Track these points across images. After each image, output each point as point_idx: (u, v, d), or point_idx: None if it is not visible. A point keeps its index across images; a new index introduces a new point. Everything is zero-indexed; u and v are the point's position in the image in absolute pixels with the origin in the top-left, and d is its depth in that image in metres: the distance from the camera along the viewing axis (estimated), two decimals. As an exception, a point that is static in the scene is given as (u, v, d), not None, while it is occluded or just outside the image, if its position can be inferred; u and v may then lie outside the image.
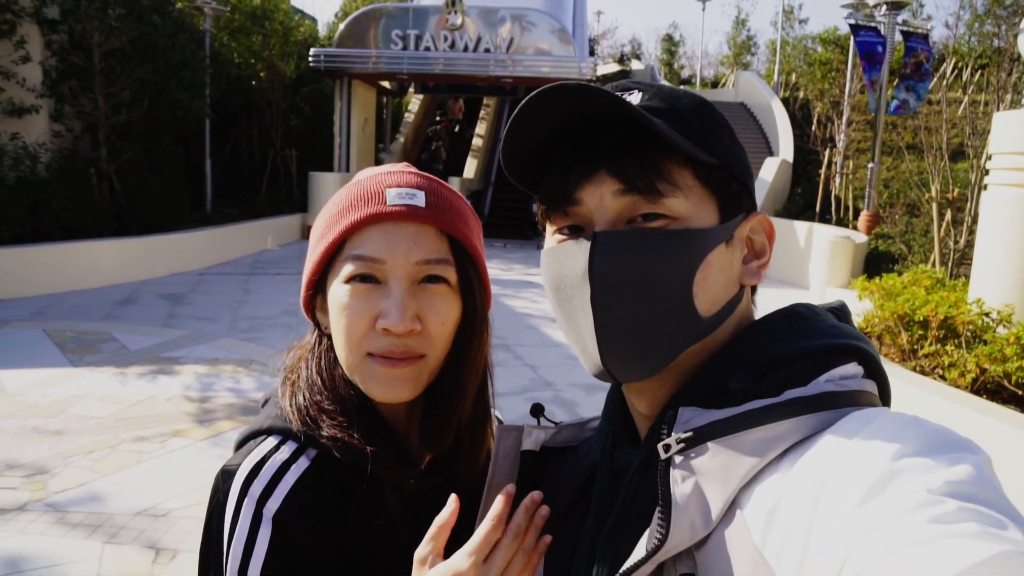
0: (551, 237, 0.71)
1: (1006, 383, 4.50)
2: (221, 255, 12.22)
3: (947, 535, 0.43)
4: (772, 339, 0.65)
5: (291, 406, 0.89)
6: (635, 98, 0.68)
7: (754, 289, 0.74)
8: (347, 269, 0.84)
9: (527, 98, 0.64)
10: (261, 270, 11.70)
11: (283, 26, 16.30)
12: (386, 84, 18.24)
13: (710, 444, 0.59)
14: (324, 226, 0.89)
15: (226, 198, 14.88)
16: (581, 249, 0.64)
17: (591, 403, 5.78)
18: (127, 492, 3.98)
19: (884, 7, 11.34)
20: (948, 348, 5.02)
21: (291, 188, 16.38)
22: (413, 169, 0.92)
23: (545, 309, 9.21)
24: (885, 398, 0.65)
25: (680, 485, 0.59)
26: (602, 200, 0.65)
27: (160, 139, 12.42)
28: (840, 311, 0.71)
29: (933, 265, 9.52)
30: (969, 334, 5.16)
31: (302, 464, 0.85)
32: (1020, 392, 4.47)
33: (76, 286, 9.40)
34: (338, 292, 0.85)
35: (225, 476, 0.86)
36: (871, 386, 0.63)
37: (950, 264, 9.62)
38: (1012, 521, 0.45)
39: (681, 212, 0.64)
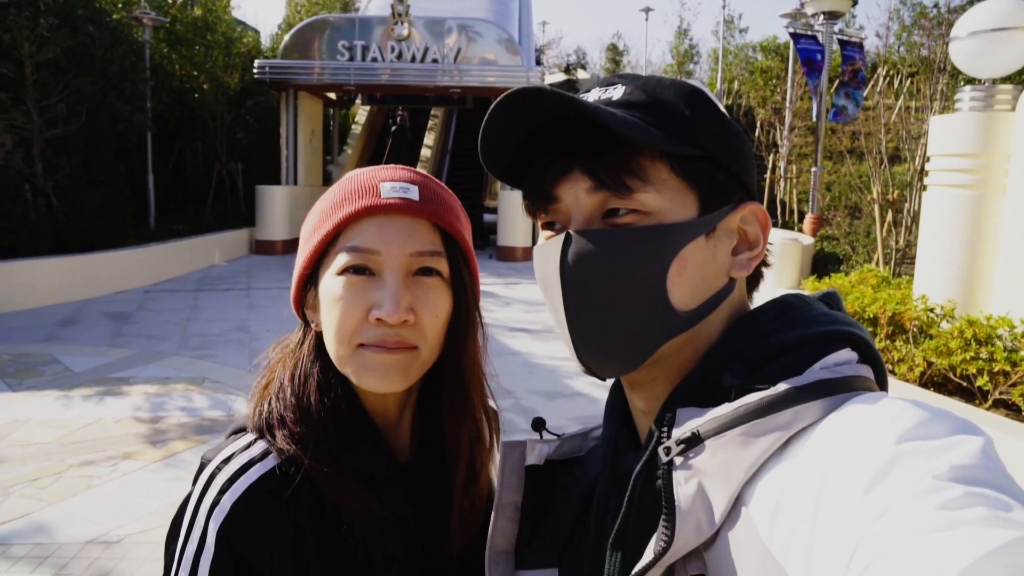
0: (541, 233, 0.72)
1: (951, 375, 4.67)
2: (167, 272, 11.87)
3: (957, 522, 0.43)
4: (763, 331, 0.65)
5: (254, 413, 0.89)
6: (617, 92, 0.67)
7: (756, 283, 0.73)
8: (341, 260, 0.84)
9: (493, 105, 0.65)
10: (210, 286, 11.40)
11: (225, 37, 15.98)
12: (332, 95, 18.04)
13: (709, 443, 0.59)
14: (317, 220, 0.89)
15: (171, 213, 14.48)
16: (555, 248, 0.65)
17: (551, 409, 5.78)
18: (77, 520, 3.81)
19: (821, 16, 11.73)
20: (897, 344, 5.19)
21: (238, 202, 16.04)
22: (405, 167, 0.92)
23: (501, 318, 9.20)
24: (881, 383, 0.65)
25: (683, 486, 0.58)
26: (577, 198, 0.65)
27: (100, 153, 12.02)
28: (831, 298, 0.71)
29: (877, 264, 9.84)
30: (916, 329, 5.34)
31: (268, 463, 0.85)
32: (964, 384, 4.64)
33: (14, 307, 9.00)
34: (331, 284, 0.85)
35: (200, 466, 0.87)
36: (866, 371, 0.63)
37: (893, 263, 9.95)
38: (1019, 502, 0.45)
39: (653, 206, 0.63)
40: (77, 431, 5.08)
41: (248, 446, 0.87)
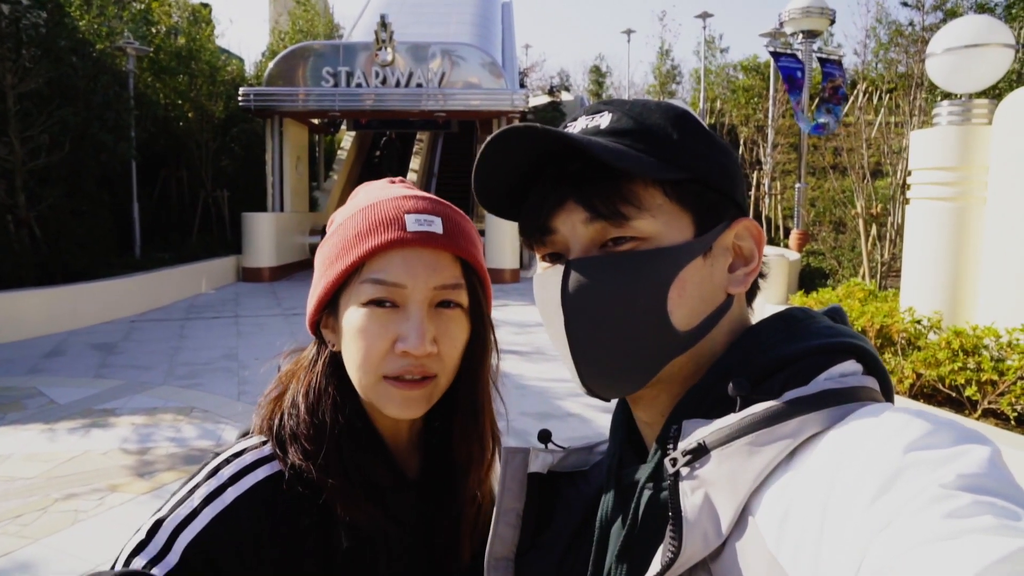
0: (539, 263, 0.73)
1: (940, 386, 4.69)
2: (153, 301, 11.77)
3: (964, 531, 0.43)
4: (768, 343, 0.65)
5: (263, 421, 0.91)
6: (604, 119, 0.69)
7: (753, 295, 0.74)
8: (366, 292, 0.86)
9: (483, 146, 0.67)
10: (197, 314, 11.32)
11: (209, 66, 16.02)
12: (317, 122, 18.08)
13: (715, 453, 0.58)
14: (340, 247, 0.89)
15: (156, 242, 14.40)
16: (555, 277, 0.67)
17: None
18: (63, 556, 3.74)
19: (800, 35, 11.92)
20: (886, 356, 5.21)
21: (224, 229, 15.98)
22: (426, 194, 0.95)
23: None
24: (887, 395, 0.65)
25: (690, 497, 0.58)
26: (573, 228, 0.67)
27: (83, 183, 11.95)
28: (836, 313, 0.71)
29: (863, 278, 9.92)
30: (904, 341, 5.37)
31: (278, 464, 0.87)
32: (954, 394, 4.66)
33: (-4, 340, 8.90)
34: (355, 315, 0.87)
35: (209, 458, 0.89)
36: (872, 382, 0.63)
37: (879, 276, 10.04)
38: None
39: (650, 232, 0.64)
40: (62, 465, 5.00)
41: (261, 444, 0.88)
